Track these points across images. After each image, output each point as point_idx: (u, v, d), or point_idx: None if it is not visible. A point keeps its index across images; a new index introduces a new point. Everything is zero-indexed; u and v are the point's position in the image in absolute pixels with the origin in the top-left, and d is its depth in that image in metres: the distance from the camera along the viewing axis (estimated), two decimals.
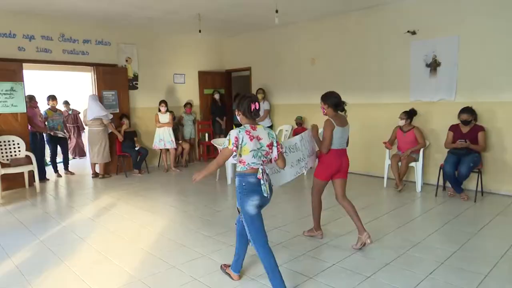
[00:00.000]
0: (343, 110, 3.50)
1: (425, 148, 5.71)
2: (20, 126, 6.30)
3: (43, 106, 7.48)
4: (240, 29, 8.31)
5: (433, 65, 5.83)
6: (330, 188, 3.75)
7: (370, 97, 6.67)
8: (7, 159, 6.01)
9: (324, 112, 3.48)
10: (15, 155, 6.14)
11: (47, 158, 7.70)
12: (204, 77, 9.09)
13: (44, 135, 7.11)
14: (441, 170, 5.31)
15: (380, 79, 6.50)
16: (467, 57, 5.46)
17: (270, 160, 2.75)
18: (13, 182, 6.18)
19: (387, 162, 5.90)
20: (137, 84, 7.94)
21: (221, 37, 9.18)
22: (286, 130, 7.99)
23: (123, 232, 4.16)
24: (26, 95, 6.45)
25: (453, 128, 5.29)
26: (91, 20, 6.95)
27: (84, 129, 9.08)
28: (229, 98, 9.60)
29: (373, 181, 6.38)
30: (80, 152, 9.52)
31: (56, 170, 7.29)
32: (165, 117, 7.49)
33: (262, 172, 2.63)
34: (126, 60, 7.74)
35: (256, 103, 2.69)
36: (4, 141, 6.09)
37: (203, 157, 8.94)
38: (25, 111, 6.37)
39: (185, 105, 8.43)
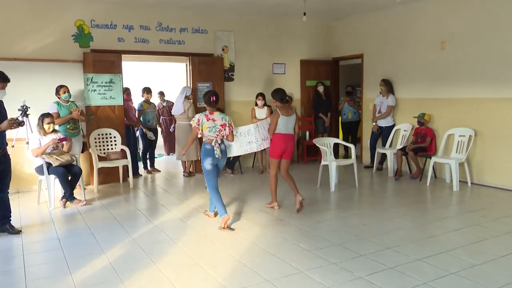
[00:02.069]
0: (287, 102, 5.46)
1: None
2: (117, 119, 7.07)
3: (136, 98, 8.27)
4: (351, 10, 8.09)
5: None
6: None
7: None
8: (104, 153, 6.79)
9: (275, 104, 5.21)
10: (111, 148, 6.90)
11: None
12: (307, 67, 9.08)
13: (136, 129, 7.83)
14: None
15: None
16: None
17: (225, 135, 4.71)
18: (109, 176, 6.97)
19: None
20: (233, 75, 8.30)
21: (327, 20, 9.06)
22: (404, 130, 7.53)
23: (213, 237, 4.38)
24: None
25: None
26: (188, 7, 7.46)
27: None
28: (335, 90, 9.44)
29: None
30: (170, 148, 9.97)
31: (145, 167, 8.00)
32: (262, 112, 7.64)
33: (215, 141, 4.59)
34: (223, 49, 8.14)
35: (214, 97, 4.61)
36: (102, 134, 6.88)
37: (302, 158, 8.94)
38: (122, 103, 7.14)
39: None
